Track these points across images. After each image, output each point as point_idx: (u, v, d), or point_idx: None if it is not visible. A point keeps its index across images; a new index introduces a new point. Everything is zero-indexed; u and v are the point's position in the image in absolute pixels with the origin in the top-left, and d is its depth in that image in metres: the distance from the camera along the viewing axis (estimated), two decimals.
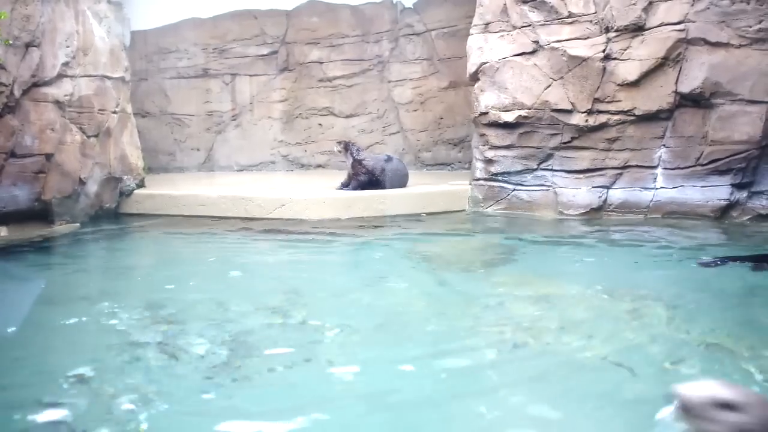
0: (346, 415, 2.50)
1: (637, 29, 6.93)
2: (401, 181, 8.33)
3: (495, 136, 7.66)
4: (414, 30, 11.81)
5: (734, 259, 4.78)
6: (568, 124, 7.27)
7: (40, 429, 2.35)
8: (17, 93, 6.31)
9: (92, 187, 7.49)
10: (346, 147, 8.43)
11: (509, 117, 7.51)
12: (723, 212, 6.68)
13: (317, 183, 9.38)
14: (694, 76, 6.72)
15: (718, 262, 4.72)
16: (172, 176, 11.28)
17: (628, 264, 5.15)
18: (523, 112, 7.44)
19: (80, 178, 7.19)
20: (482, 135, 7.80)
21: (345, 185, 8.29)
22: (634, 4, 6.90)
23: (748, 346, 3.02)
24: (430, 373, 2.88)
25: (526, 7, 7.48)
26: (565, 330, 3.36)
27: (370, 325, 3.54)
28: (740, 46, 6.58)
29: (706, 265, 4.72)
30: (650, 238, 6.01)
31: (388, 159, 8.41)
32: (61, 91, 6.86)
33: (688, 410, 1.87)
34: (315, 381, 2.81)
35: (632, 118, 7.02)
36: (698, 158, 6.81)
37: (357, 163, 8.22)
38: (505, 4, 7.64)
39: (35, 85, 6.56)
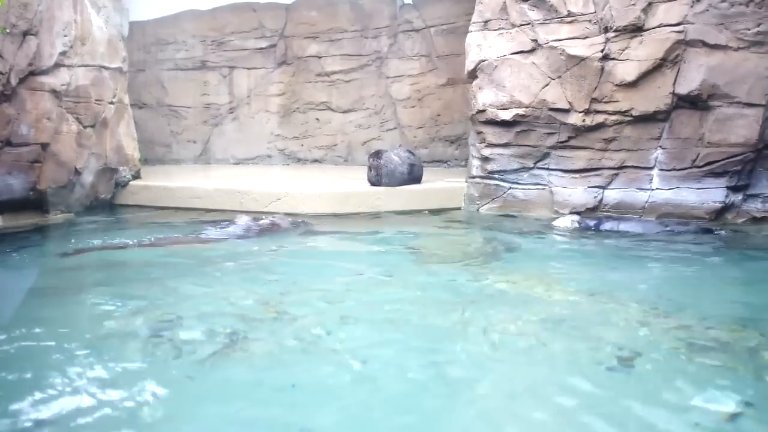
0: (342, 412, 2.50)
1: (636, 30, 6.93)
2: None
3: (492, 134, 7.67)
4: (413, 26, 11.80)
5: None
6: (566, 124, 7.28)
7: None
8: (14, 81, 6.28)
9: (88, 178, 7.47)
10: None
11: (506, 115, 7.52)
12: (718, 214, 6.71)
13: (313, 178, 9.37)
14: (691, 77, 6.73)
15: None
16: (168, 168, 11.25)
17: (620, 264, 5.16)
18: (521, 111, 7.44)
19: (76, 168, 7.17)
20: (479, 133, 7.80)
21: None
22: (633, 4, 6.90)
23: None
24: (419, 365, 2.88)
25: (525, 6, 7.47)
26: (555, 326, 3.36)
27: (361, 317, 3.54)
28: (738, 48, 6.59)
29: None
30: (643, 238, 6.03)
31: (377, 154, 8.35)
32: (57, 80, 6.83)
33: None
34: (307, 374, 2.81)
35: (629, 118, 7.03)
36: (694, 160, 6.83)
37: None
38: (504, 2, 7.63)
39: (32, 73, 6.52)
